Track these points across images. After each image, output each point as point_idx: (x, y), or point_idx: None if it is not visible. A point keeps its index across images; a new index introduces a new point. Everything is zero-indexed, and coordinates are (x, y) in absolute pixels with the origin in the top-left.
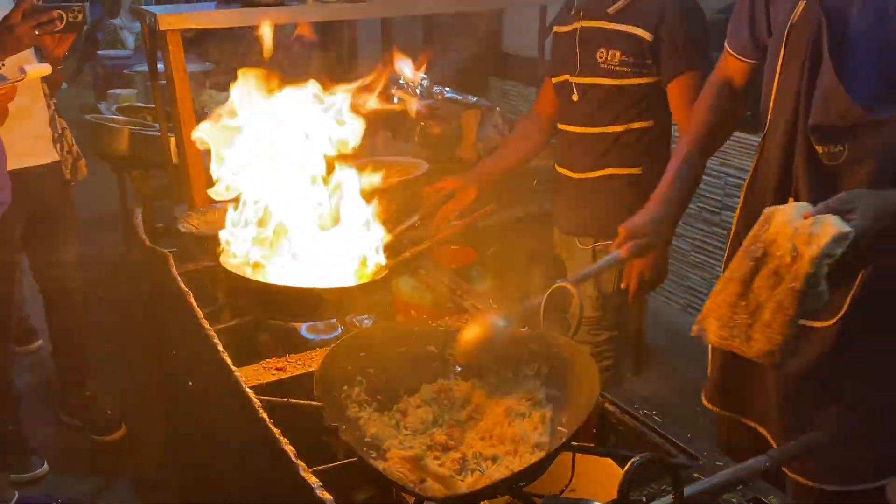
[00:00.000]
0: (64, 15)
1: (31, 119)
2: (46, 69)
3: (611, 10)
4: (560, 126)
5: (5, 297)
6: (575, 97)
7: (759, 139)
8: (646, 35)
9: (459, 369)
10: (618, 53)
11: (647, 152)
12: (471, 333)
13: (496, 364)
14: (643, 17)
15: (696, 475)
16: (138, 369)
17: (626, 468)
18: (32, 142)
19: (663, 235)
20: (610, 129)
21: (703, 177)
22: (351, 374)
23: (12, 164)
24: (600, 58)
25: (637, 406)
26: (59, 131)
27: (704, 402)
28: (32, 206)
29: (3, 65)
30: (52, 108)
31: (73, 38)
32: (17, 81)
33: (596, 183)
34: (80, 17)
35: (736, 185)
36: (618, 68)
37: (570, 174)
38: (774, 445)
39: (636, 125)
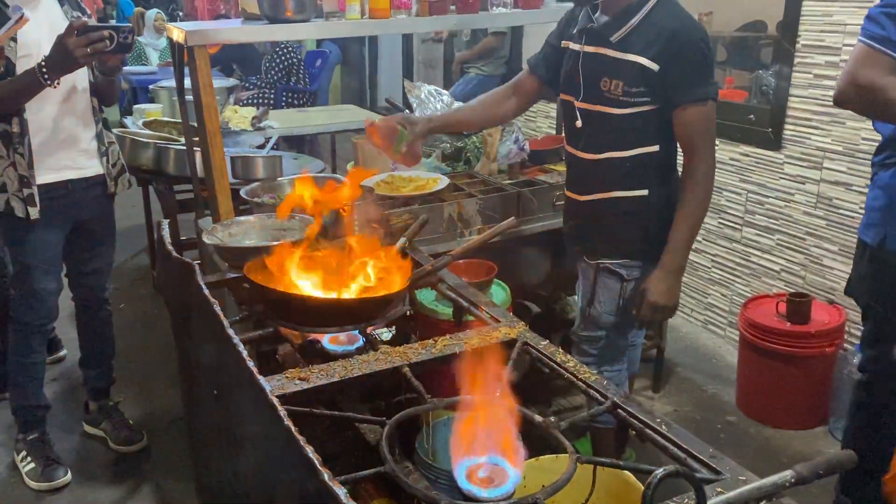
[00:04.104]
0: (114, 35)
1: (79, 133)
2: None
3: (613, 39)
4: (567, 147)
5: (48, 305)
6: (578, 123)
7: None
8: (652, 66)
9: None
10: (621, 84)
11: (653, 175)
12: None
13: None
14: (647, 45)
15: (719, 490)
16: (161, 379)
17: (648, 481)
18: (78, 155)
19: None
20: (615, 155)
21: (724, 192)
22: None
23: (59, 176)
24: (604, 87)
25: (658, 420)
26: (106, 145)
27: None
28: (75, 217)
29: (58, 84)
30: (101, 122)
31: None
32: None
33: (602, 204)
34: (130, 38)
35: (757, 202)
36: (621, 98)
37: (577, 197)
38: None
39: (642, 150)
